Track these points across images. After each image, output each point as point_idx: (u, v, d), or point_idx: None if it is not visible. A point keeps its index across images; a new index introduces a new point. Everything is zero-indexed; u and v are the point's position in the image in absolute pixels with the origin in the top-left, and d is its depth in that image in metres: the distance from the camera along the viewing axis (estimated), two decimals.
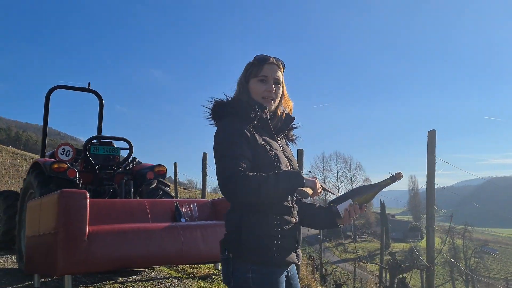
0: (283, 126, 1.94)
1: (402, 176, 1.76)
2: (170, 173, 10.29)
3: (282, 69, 1.90)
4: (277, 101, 1.90)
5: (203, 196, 8.84)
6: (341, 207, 1.78)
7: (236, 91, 1.89)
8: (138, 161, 6.05)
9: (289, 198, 1.78)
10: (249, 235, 1.66)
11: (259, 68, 1.83)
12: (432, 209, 4.35)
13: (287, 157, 1.85)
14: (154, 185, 5.66)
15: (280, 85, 1.89)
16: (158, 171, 5.63)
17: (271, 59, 1.86)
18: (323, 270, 9.69)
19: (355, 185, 63.56)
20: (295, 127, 2.04)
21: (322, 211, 1.93)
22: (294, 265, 1.84)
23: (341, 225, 1.89)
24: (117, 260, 3.61)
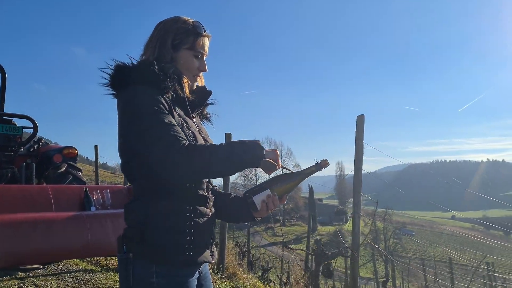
0: (199, 101, 1.66)
1: (327, 164, 1.54)
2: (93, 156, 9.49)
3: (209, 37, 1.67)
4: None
5: (126, 182, 8.28)
6: (258, 198, 1.55)
7: (148, 54, 1.56)
8: (45, 142, 5.37)
9: (205, 186, 1.52)
10: (156, 230, 1.38)
11: (195, 40, 1.57)
12: (358, 196, 4.27)
13: (203, 138, 1.58)
14: (63, 169, 5.03)
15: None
16: (68, 154, 5.02)
17: (207, 32, 1.62)
18: (251, 256, 9.57)
19: (285, 172, 64.85)
20: (211, 103, 1.76)
21: (237, 202, 1.70)
22: (207, 263, 1.57)
23: (258, 218, 1.66)
24: (9, 256, 3.09)
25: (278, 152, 1.41)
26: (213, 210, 1.59)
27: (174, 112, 1.43)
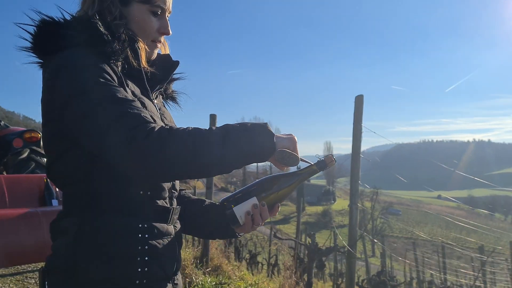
0: (161, 75, 1.21)
1: (333, 161, 1.15)
2: None
3: None
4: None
5: None
6: (241, 209, 1.13)
7: (86, 8, 1.11)
8: (5, 124, 4.79)
9: (166, 194, 1.12)
10: (93, 258, 0.97)
11: None
12: (356, 184, 3.84)
13: (166, 124, 1.11)
14: (25, 155, 4.45)
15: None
16: (30, 138, 4.42)
17: None
18: (238, 242, 9.20)
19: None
20: (178, 78, 1.32)
21: (213, 212, 1.28)
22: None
23: (240, 235, 1.29)
24: None
25: (296, 138, 1.04)
26: (178, 226, 1.17)
27: (126, 88, 1.01)
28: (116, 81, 1.00)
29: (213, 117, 5.61)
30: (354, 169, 3.89)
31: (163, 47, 1.26)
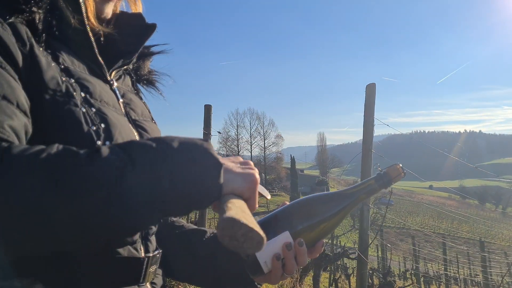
0: (129, 44, 0.81)
1: (402, 174, 0.79)
2: None
3: None
4: None
5: None
6: (266, 252, 0.73)
7: None
8: None
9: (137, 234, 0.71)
10: None
11: None
12: None
13: (134, 122, 0.78)
14: None
15: None
16: None
17: None
18: None
19: (267, 142, 64.75)
20: (159, 52, 0.92)
21: (223, 252, 0.86)
22: None
23: (259, 286, 0.88)
24: None
25: (257, 176, 0.62)
26: (158, 282, 0.77)
27: (44, 64, 0.60)
28: (19, 50, 0.57)
29: (208, 108, 5.20)
30: (365, 166, 3.52)
31: (133, 2, 0.87)
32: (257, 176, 0.60)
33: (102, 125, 0.63)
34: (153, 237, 0.77)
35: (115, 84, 0.78)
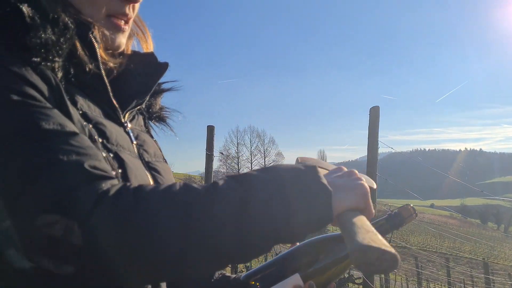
0: (142, 84, 0.80)
1: (414, 215, 0.78)
2: None
3: None
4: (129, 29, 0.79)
5: None
6: None
7: None
8: None
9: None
10: None
11: None
12: (373, 208, 3.43)
13: (148, 164, 0.76)
14: None
15: None
16: None
17: None
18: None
19: (267, 160, 64.60)
20: (169, 89, 0.93)
21: None
22: None
23: None
24: None
25: (366, 186, 0.63)
26: None
27: (71, 109, 0.60)
28: (49, 97, 0.57)
29: (210, 129, 5.21)
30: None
31: (144, 41, 0.86)
32: (366, 185, 0.62)
33: (120, 170, 0.63)
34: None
35: (129, 126, 0.77)
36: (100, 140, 0.63)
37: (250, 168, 64.59)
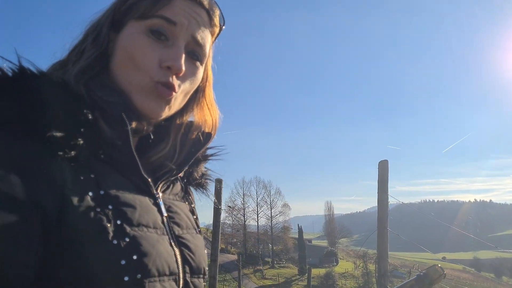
0: (181, 155, 0.80)
1: (443, 275, 0.85)
2: None
3: (217, 26, 0.79)
4: (180, 102, 0.76)
5: None
6: None
7: (72, 54, 0.73)
8: None
9: None
10: None
11: (158, 2, 0.70)
12: (385, 264, 3.37)
13: (178, 239, 0.72)
14: None
15: (202, 62, 0.77)
16: None
17: None
18: None
19: (274, 211, 63.72)
20: (211, 156, 0.90)
21: None
22: None
23: None
24: None
25: None
26: None
27: (79, 198, 0.59)
28: (52, 190, 0.56)
29: (218, 182, 5.19)
30: (381, 245, 3.44)
31: (204, 113, 0.85)
32: None
33: (134, 257, 0.60)
34: None
35: (161, 196, 0.74)
36: (119, 222, 0.61)
37: (256, 220, 64.08)
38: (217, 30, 0.79)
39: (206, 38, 0.75)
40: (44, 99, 0.57)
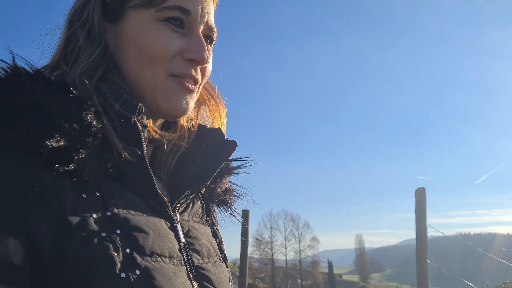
0: (202, 169, 0.68)
1: None
2: None
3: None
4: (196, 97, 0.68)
5: None
6: None
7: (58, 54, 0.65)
8: None
9: None
10: None
11: None
12: None
13: (197, 270, 0.62)
14: None
15: (212, 45, 0.71)
16: None
17: None
18: None
19: (302, 245, 62.35)
20: (236, 168, 0.78)
21: None
22: None
23: None
24: None
25: None
26: None
27: (79, 224, 0.51)
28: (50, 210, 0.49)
29: (245, 214, 5.06)
30: (421, 279, 3.18)
31: (216, 109, 0.76)
32: None
33: None
34: None
35: (179, 219, 0.63)
36: (128, 251, 0.52)
37: (284, 254, 62.80)
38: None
39: (213, 18, 0.68)
40: (40, 103, 0.50)
